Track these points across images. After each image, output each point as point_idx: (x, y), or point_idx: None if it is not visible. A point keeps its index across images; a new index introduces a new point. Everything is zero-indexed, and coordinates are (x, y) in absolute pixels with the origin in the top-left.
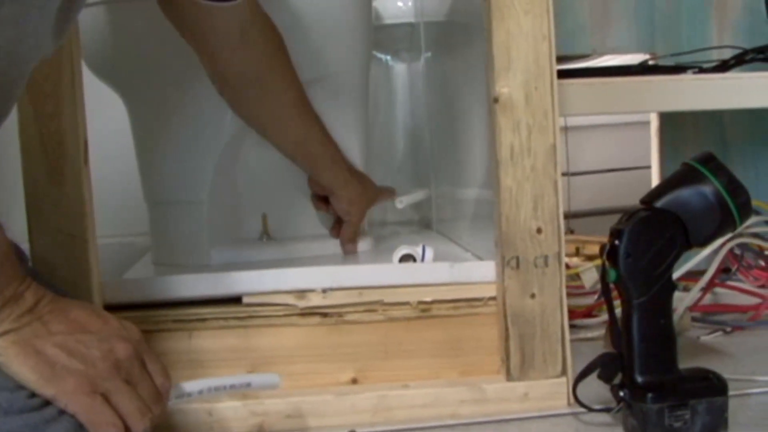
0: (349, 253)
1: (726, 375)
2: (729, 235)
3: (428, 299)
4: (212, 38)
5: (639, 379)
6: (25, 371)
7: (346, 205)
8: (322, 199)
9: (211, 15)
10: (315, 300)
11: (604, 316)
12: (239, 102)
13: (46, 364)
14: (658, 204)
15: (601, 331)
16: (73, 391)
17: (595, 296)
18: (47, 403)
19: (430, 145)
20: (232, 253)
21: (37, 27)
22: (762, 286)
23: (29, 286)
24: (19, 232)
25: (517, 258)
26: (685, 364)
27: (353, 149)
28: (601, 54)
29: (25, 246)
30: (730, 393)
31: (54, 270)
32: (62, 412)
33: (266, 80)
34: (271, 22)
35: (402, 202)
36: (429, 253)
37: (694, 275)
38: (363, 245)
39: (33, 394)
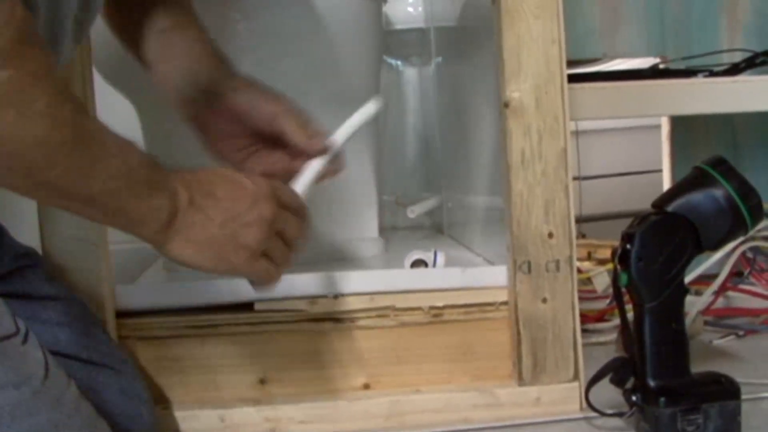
0: (324, 148)
1: (739, 379)
2: (741, 239)
3: (440, 304)
4: None
5: (651, 383)
6: (202, 262)
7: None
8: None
9: None
10: (327, 306)
11: (616, 321)
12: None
13: (217, 253)
14: (670, 208)
15: (613, 336)
16: (243, 263)
17: (607, 300)
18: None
19: (441, 149)
20: None
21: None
22: None
23: (177, 177)
24: (32, 238)
25: (529, 262)
26: (697, 368)
27: (364, 154)
28: (612, 58)
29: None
30: (743, 397)
31: (66, 275)
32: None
33: None
34: None
35: (414, 211)
36: (440, 258)
37: (706, 279)
38: (375, 249)
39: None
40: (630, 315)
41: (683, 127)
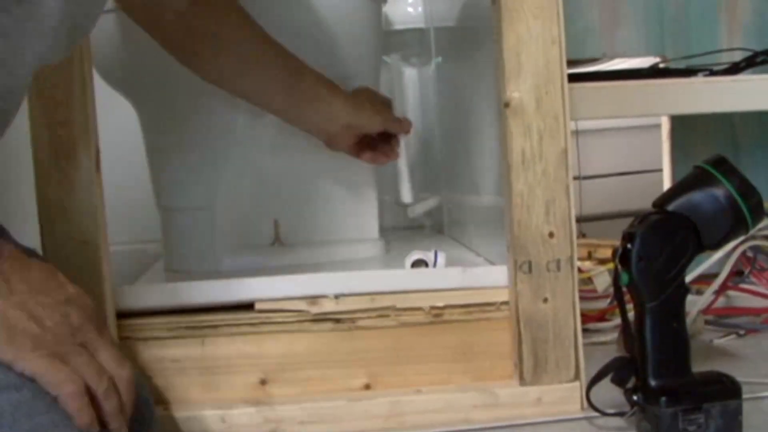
0: (408, 128)
1: (740, 378)
2: (741, 238)
3: (441, 304)
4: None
5: (652, 383)
6: None
7: (373, 111)
8: (361, 146)
9: None
10: (327, 306)
11: (617, 320)
12: (202, 61)
13: (6, 328)
14: (670, 207)
15: (613, 335)
16: (31, 353)
17: (608, 300)
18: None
19: (441, 149)
20: (243, 259)
21: (34, 42)
22: None
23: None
24: (32, 238)
25: (530, 262)
26: (698, 367)
27: None
28: (611, 57)
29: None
30: (744, 396)
31: (67, 276)
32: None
33: (222, 34)
34: None
35: (414, 211)
36: (441, 258)
37: (706, 278)
38: (375, 249)
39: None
40: (631, 314)
41: (683, 126)
